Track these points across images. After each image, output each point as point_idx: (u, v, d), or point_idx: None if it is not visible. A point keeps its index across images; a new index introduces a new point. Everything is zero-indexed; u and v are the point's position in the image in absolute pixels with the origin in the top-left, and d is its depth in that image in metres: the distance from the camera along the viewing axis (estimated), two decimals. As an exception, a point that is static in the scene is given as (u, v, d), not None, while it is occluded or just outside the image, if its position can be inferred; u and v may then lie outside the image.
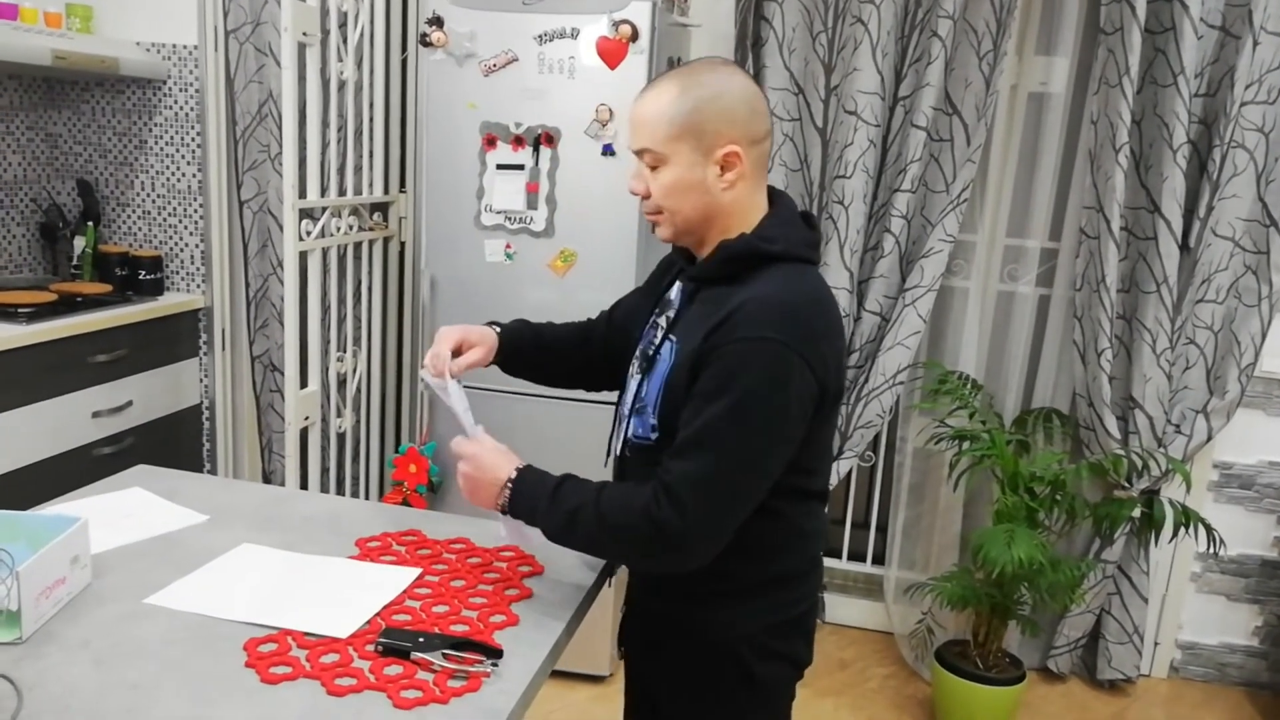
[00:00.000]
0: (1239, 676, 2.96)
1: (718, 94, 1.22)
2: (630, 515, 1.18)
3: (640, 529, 1.17)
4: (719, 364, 1.16)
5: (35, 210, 2.99)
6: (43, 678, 1.05)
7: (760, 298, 1.18)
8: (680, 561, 1.19)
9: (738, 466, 1.16)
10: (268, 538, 1.44)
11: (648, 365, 1.30)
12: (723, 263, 1.25)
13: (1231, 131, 2.54)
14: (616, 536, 1.20)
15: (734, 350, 1.15)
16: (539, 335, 1.53)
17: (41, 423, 2.45)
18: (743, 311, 1.17)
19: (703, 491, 1.15)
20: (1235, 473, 2.85)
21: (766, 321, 1.16)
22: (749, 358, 1.15)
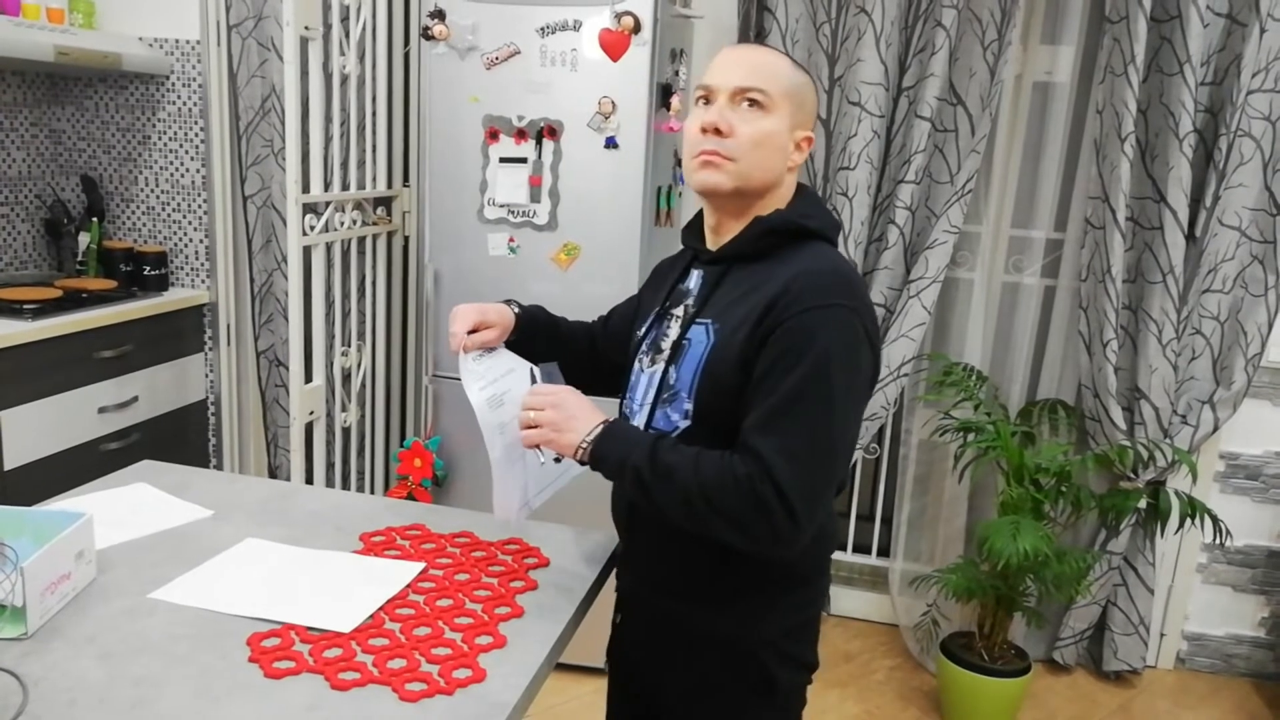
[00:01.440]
0: (1245, 667, 2.95)
1: (811, 84, 1.30)
2: (735, 494, 1.13)
3: (747, 512, 1.13)
4: (791, 335, 1.14)
5: (40, 206, 2.99)
6: (48, 673, 1.05)
7: (817, 270, 1.18)
8: (786, 546, 1.15)
9: (827, 434, 1.14)
10: (272, 532, 1.44)
11: (673, 353, 1.27)
12: (760, 236, 1.25)
13: (1238, 120, 2.53)
14: (716, 509, 1.15)
15: (806, 320, 1.14)
16: (555, 325, 1.51)
17: (48, 418, 2.46)
18: (803, 282, 1.16)
19: (801, 467, 1.12)
20: (1241, 463, 2.84)
21: (833, 289, 1.16)
22: (823, 325, 1.14)
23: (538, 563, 1.40)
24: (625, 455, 1.20)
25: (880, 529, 3.21)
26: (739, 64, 1.24)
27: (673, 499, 1.17)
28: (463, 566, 1.37)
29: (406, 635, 1.17)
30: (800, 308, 1.15)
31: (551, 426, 1.24)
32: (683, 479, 1.16)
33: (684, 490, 1.16)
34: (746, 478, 1.12)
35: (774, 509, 1.11)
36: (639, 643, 1.41)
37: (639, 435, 1.23)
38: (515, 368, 1.39)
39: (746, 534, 1.15)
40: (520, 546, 1.45)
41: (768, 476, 1.11)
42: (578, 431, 1.23)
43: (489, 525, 1.51)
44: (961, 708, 2.59)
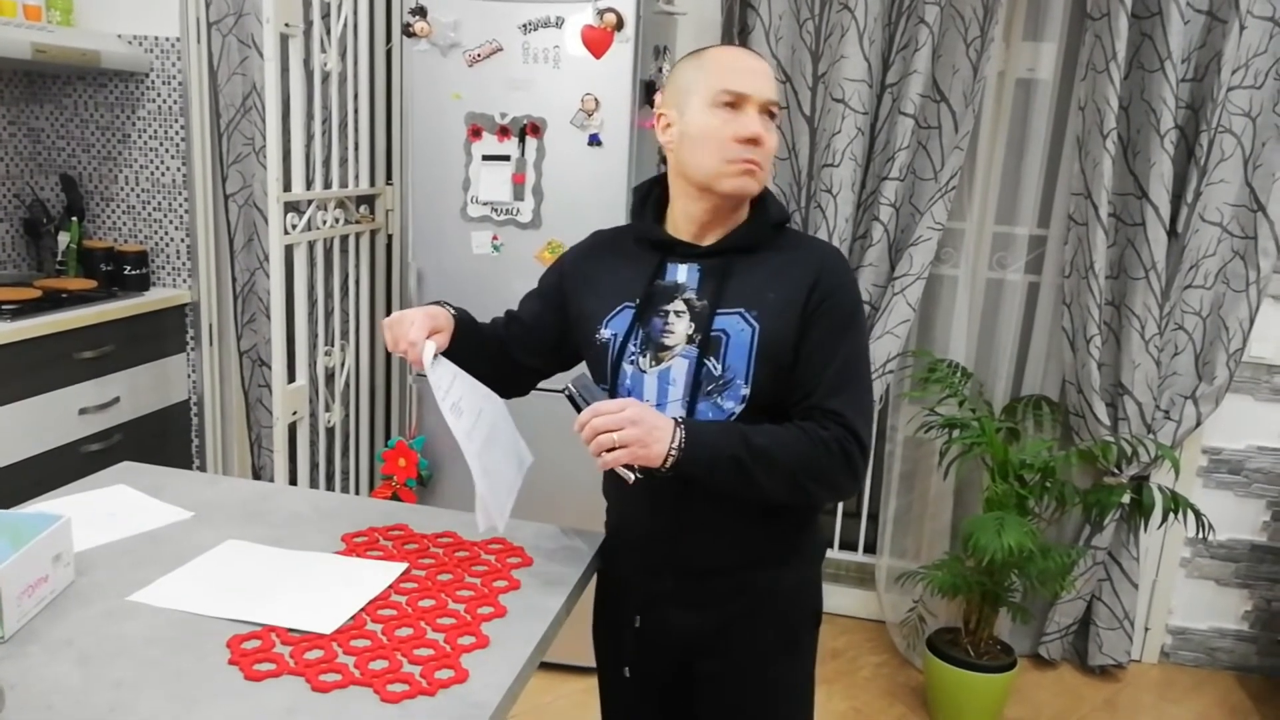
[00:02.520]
0: (1229, 661, 2.97)
1: None
2: (828, 459, 1.26)
3: (842, 471, 1.27)
4: (840, 306, 1.30)
5: (19, 206, 2.96)
6: (25, 677, 1.04)
7: (828, 249, 1.36)
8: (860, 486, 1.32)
9: (870, 389, 1.34)
10: (253, 534, 1.43)
11: (706, 346, 1.29)
12: (772, 228, 1.36)
13: (1219, 116, 2.54)
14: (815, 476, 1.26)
15: (843, 293, 1.31)
16: (479, 331, 1.46)
17: (28, 420, 2.44)
18: (829, 261, 1.33)
19: (867, 417, 1.31)
20: (1224, 458, 2.86)
21: (845, 261, 1.36)
22: (853, 292, 1.34)
23: (521, 562, 1.40)
24: (717, 450, 1.25)
25: (866, 526, 3.22)
26: (764, 75, 1.31)
27: (775, 478, 1.25)
28: (445, 566, 1.36)
29: (388, 636, 1.16)
30: (837, 282, 1.31)
31: (638, 444, 1.22)
32: (782, 457, 1.25)
33: (785, 467, 1.25)
34: (834, 440, 1.26)
35: (857, 460, 1.27)
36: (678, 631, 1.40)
37: (717, 428, 1.27)
38: (457, 373, 1.35)
39: (841, 490, 1.30)
40: (503, 546, 1.44)
41: (850, 433, 1.26)
42: (663, 441, 1.23)
43: (472, 525, 1.50)
44: (948, 703, 2.60)
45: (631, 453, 1.22)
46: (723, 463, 1.23)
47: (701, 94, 1.28)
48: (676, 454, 1.23)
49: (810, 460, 1.25)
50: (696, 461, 1.24)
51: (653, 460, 1.23)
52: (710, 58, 1.31)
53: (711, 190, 1.30)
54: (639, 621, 1.44)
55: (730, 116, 1.27)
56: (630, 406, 1.23)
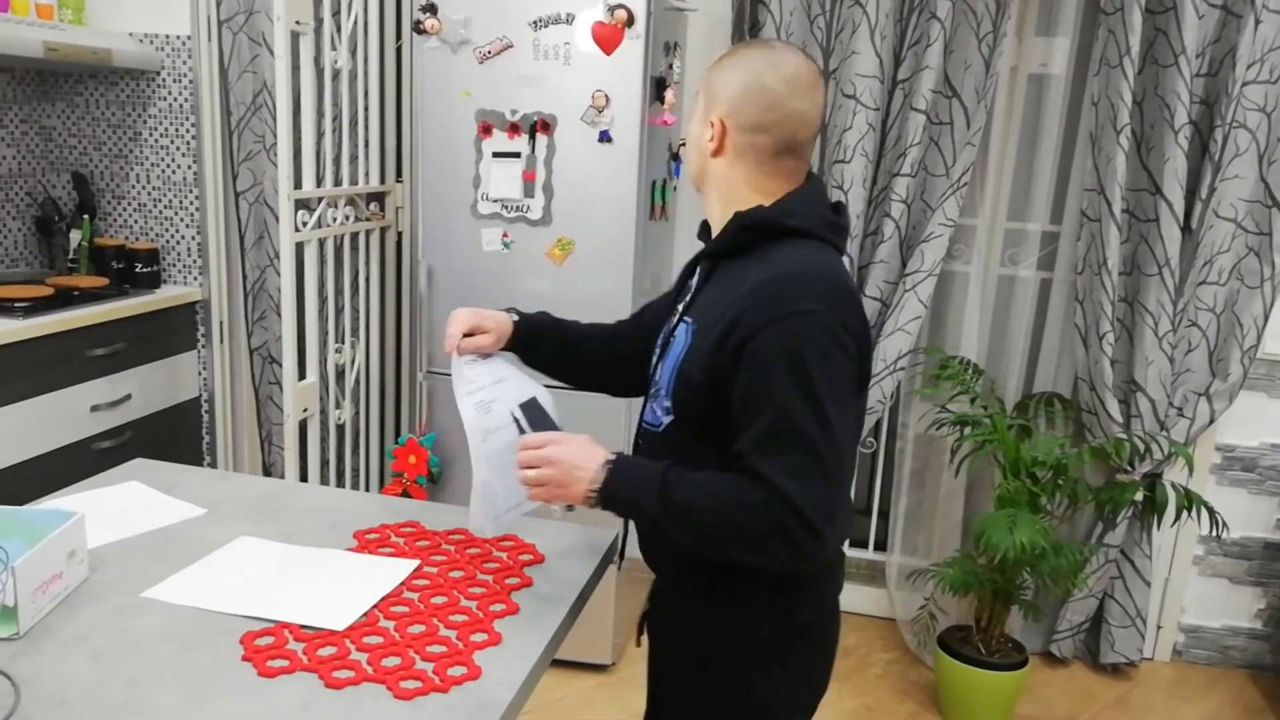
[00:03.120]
0: (1242, 659, 2.95)
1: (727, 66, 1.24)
2: (755, 522, 1.11)
3: (770, 540, 1.11)
4: (764, 351, 1.11)
5: (30, 204, 2.97)
6: (40, 673, 1.04)
7: (787, 271, 1.15)
8: (814, 559, 1.14)
9: (826, 445, 1.11)
10: (265, 530, 1.43)
11: (663, 349, 1.29)
12: (736, 232, 1.22)
13: (1233, 111, 2.52)
14: (740, 541, 1.14)
15: (774, 332, 1.11)
16: (561, 330, 1.47)
17: (40, 417, 2.44)
18: (765, 291, 1.13)
19: (813, 485, 1.10)
20: (1237, 455, 2.84)
21: (793, 295, 1.12)
22: (790, 335, 1.11)
23: (533, 559, 1.39)
24: (635, 498, 1.18)
25: (877, 523, 3.21)
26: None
27: (691, 536, 1.16)
28: (457, 564, 1.36)
29: (401, 633, 1.16)
30: (765, 320, 1.11)
31: (554, 484, 1.20)
32: (700, 516, 1.14)
33: (702, 526, 1.15)
34: (763, 504, 1.10)
35: (795, 531, 1.10)
36: (651, 635, 1.41)
37: (645, 473, 1.18)
38: (508, 377, 1.37)
39: (772, 557, 1.14)
40: (515, 543, 1.44)
41: (783, 501, 1.09)
42: (581, 481, 1.19)
43: (484, 522, 1.50)
44: (959, 701, 2.59)
45: (549, 492, 1.21)
46: (642, 517, 1.19)
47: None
48: (595, 496, 1.19)
49: (735, 523, 1.12)
50: (616, 506, 1.20)
51: (573, 500, 1.21)
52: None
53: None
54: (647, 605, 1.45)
55: None
56: (551, 445, 1.21)
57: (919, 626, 2.91)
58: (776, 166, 1.23)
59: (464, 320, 1.37)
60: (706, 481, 1.15)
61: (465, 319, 1.37)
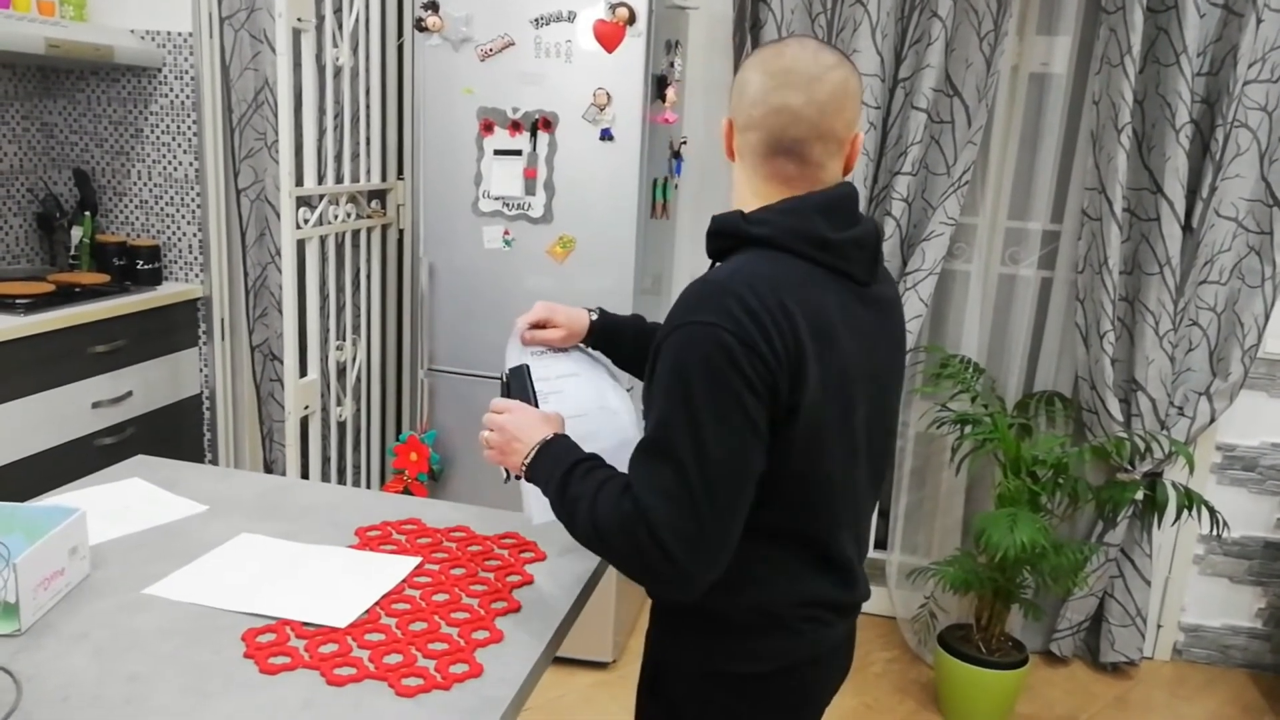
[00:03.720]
0: (1242, 658, 2.96)
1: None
2: (618, 535, 1.06)
3: (630, 558, 1.06)
4: (658, 360, 1.07)
5: (32, 200, 2.97)
6: (41, 669, 1.04)
7: (705, 280, 1.07)
8: (678, 589, 1.07)
9: (698, 468, 1.02)
10: (267, 527, 1.43)
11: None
12: (708, 237, 1.18)
13: (1234, 111, 2.52)
14: (611, 549, 1.08)
15: (669, 343, 1.06)
16: (643, 332, 1.44)
17: (41, 414, 2.45)
18: (688, 292, 1.07)
19: (671, 504, 1.02)
20: (1238, 455, 2.84)
21: (699, 304, 1.05)
22: (680, 347, 1.04)
23: (534, 557, 1.40)
24: (546, 483, 1.17)
25: (877, 521, 3.21)
26: None
27: (578, 533, 1.12)
28: (459, 561, 1.36)
29: (403, 630, 1.17)
30: (670, 328, 1.06)
31: (498, 450, 1.23)
32: (581, 515, 1.10)
33: (583, 526, 1.10)
34: (626, 516, 1.05)
35: (646, 549, 1.03)
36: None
37: (563, 461, 1.15)
38: (580, 373, 1.38)
39: (632, 572, 1.08)
40: (517, 541, 1.44)
41: (641, 517, 1.03)
42: (518, 453, 1.20)
43: (485, 519, 1.51)
44: (959, 700, 2.59)
45: (494, 456, 1.24)
46: (551, 500, 1.16)
47: None
48: (524, 470, 1.20)
49: (603, 533, 1.07)
50: (539, 484, 1.19)
51: (512, 469, 1.23)
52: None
53: None
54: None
55: None
56: (508, 413, 1.23)
57: (919, 625, 2.91)
58: (771, 169, 1.13)
59: (537, 312, 1.38)
60: (602, 481, 1.10)
61: (539, 311, 1.38)
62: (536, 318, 1.38)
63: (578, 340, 1.40)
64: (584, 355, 1.42)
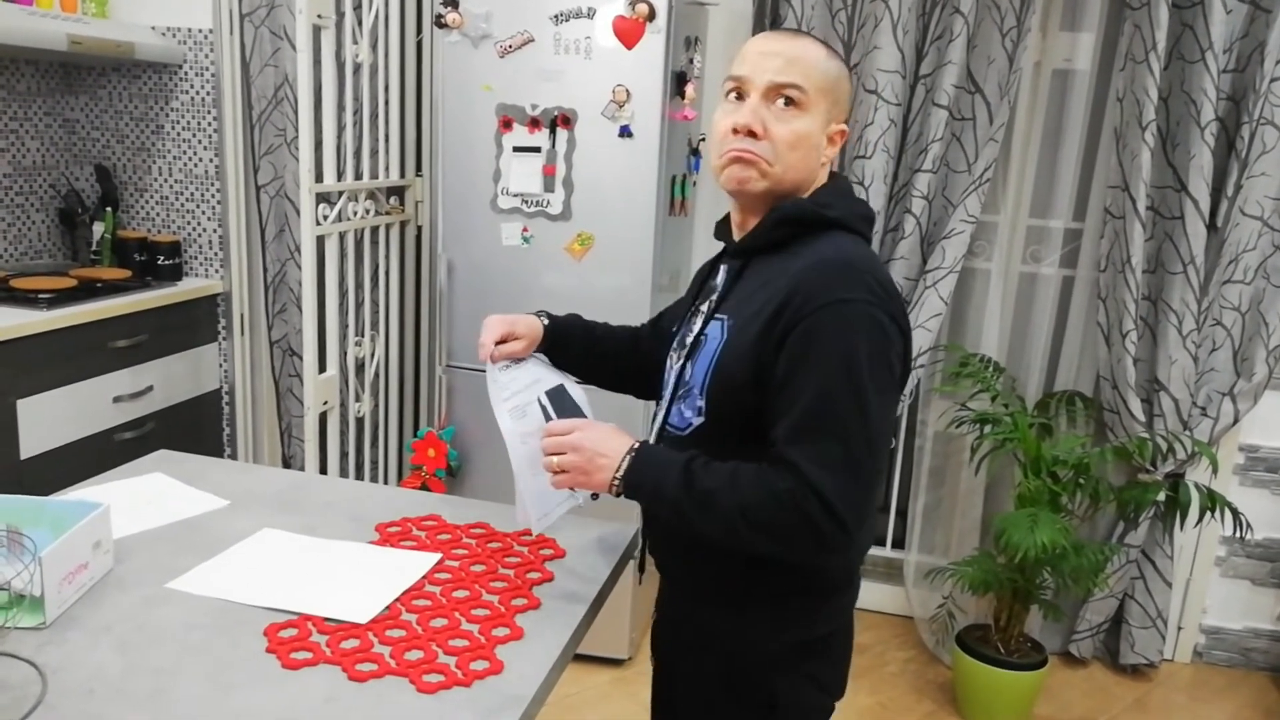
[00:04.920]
0: (1263, 661, 2.93)
1: (847, 72, 1.24)
2: (778, 513, 1.09)
3: (793, 529, 1.09)
4: (810, 337, 1.09)
5: (54, 196, 3.00)
6: (66, 663, 1.05)
7: (828, 261, 1.13)
8: (838, 553, 1.12)
9: (863, 438, 1.08)
10: (288, 522, 1.44)
11: (692, 349, 1.25)
12: (774, 226, 1.20)
13: (1261, 108, 2.49)
14: (761, 530, 1.10)
15: (823, 318, 1.09)
16: (589, 332, 1.47)
17: (63, 408, 2.46)
18: (814, 277, 1.11)
19: (844, 477, 1.07)
20: (1261, 455, 2.81)
21: (846, 282, 1.10)
22: (842, 322, 1.09)
23: (554, 554, 1.40)
24: (659, 485, 1.15)
25: (895, 521, 3.19)
26: (774, 55, 1.17)
27: (715, 525, 1.13)
28: (479, 558, 1.36)
29: (423, 627, 1.17)
30: (815, 305, 1.09)
31: (578, 471, 1.19)
32: (723, 504, 1.11)
33: (725, 515, 1.11)
34: (788, 494, 1.08)
35: (821, 522, 1.07)
36: (665, 641, 1.40)
37: (669, 460, 1.16)
38: (541, 378, 1.38)
39: (795, 549, 1.12)
40: (536, 538, 1.44)
41: (810, 490, 1.07)
42: (605, 469, 1.17)
43: (505, 516, 1.51)
44: (977, 701, 2.58)
45: (573, 479, 1.20)
46: (664, 503, 1.16)
47: (721, 86, 1.25)
48: (619, 485, 1.18)
49: (758, 512, 1.09)
50: (639, 494, 1.18)
51: (596, 488, 1.20)
52: (741, 48, 1.26)
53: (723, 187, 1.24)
54: (655, 616, 1.45)
55: (732, 108, 1.20)
56: (578, 431, 1.20)
57: (937, 625, 2.90)
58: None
59: (496, 328, 1.35)
60: (732, 470, 1.13)
61: (498, 326, 1.35)
62: (499, 333, 1.35)
63: (535, 346, 1.40)
64: (539, 362, 1.40)
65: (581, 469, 1.19)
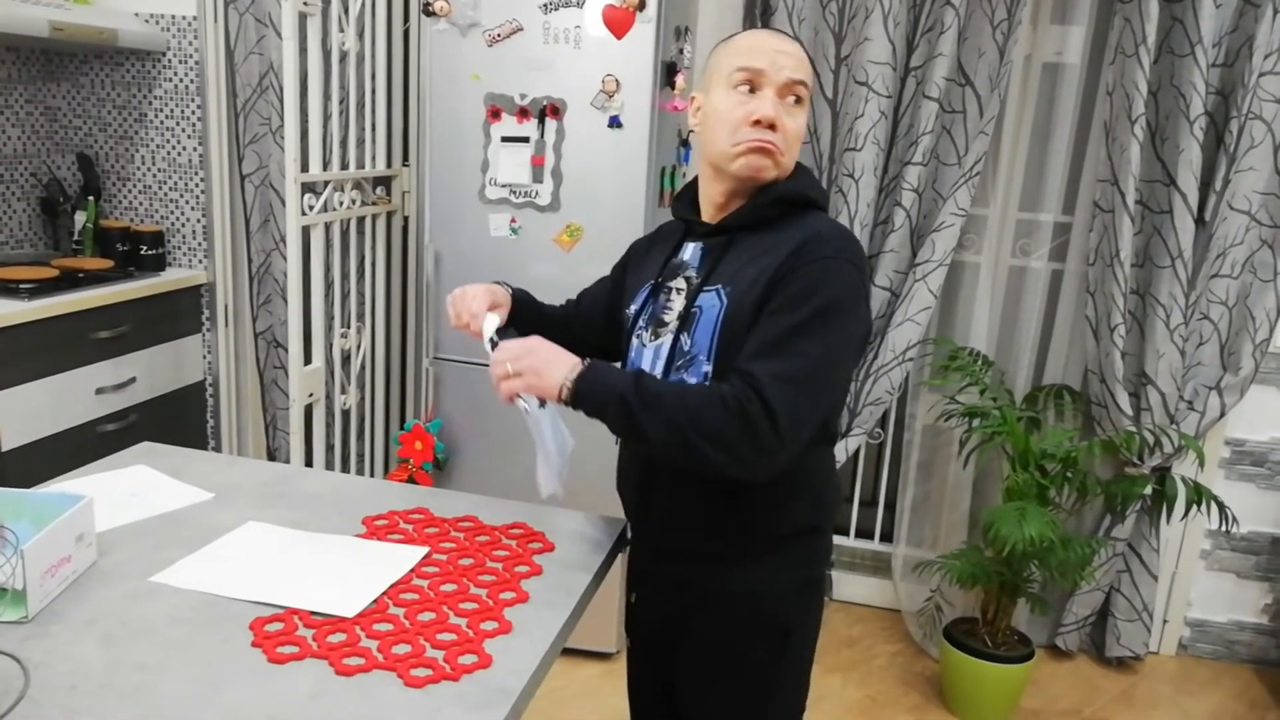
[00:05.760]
0: (1248, 654, 2.95)
1: None
2: (721, 413, 1.15)
3: (731, 428, 1.14)
4: (802, 279, 1.19)
5: (36, 185, 2.96)
6: (49, 657, 1.03)
7: (829, 230, 1.25)
8: (766, 464, 1.16)
9: (822, 368, 1.18)
10: (274, 515, 1.42)
11: (684, 322, 1.29)
12: (770, 205, 1.29)
13: (1249, 103, 2.50)
14: (702, 430, 1.15)
15: (818, 268, 1.19)
16: (539, 308, 1.56)
17: (45, 399, 2.43)
18: (819, 239, 1.22)
19: (792, 390, 1.15)
20: (1247, 449, 2.82)
21: (845, 247, 1.23)
22: (831, 274, 1.20)
23: (542, 547, 1.38)
24: (609, 387, 1.21)
25: (883, 514, 3.20)
26: (786, 54, 1.27)
27: (659, 424, 1.17)
28: (467, 551, 1.35)
29: (411, 620, 1.15)
30: (814, 257, 1.20)
31: (531, 372, 1.24)
32: (669, 403, 1.17)
33: (670, 414, 1.17)
34: (733, 396, 1.15)
35: (758, 422, 1.14)
36: (654, 613, 1.42)
37: (622, 371, 1.25)
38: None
39: (731, 451, 1.15)
40: (525, 531, 1.43)
41: (756, 394, 1.14)
42: (559, 369, 1.23)
43: (493, 509, 1.49)
44: (964, 693, 2.58)
45: (526, 381, 1.25)
46: (612, 401, 1.20)
47: (723, 73, 1.28)
48: (570, 386, 1.22)
49: (700, 412, 1.15)
50: (588, 396, 1.22)
51: (547, 390, 1.24)
52: (737, 38, 1.32)
53: (724, 171, 1.30)
54: (633, 597, 1.48)
55: (745, 98, 1.26)
56: (530, 341, 1.28)
57: (924, 618, 2.90)
58: None
59: (484, 299, 1.42)
60: (683, 383, 1.24)
61: (485, 298, 1.42)
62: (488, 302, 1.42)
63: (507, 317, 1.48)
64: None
65: (535, 370, 1.24)
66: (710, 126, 1.30)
